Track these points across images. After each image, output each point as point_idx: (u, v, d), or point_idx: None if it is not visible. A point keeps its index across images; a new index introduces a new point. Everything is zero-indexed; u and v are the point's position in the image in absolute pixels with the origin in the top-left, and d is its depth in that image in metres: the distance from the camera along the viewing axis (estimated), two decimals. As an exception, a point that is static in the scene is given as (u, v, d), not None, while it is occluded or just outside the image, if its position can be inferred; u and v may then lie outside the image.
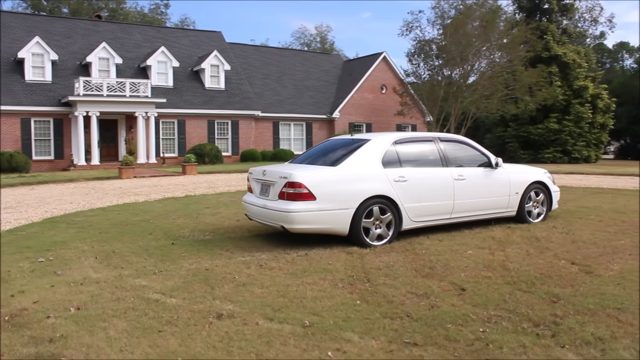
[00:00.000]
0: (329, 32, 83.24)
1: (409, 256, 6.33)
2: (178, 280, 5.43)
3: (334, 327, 4.01)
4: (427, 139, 7.85)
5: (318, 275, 5.52)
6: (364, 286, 5.10)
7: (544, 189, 8.67)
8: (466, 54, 25.23)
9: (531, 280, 5.22)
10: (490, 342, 3.68)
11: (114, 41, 30.90)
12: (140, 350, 3.66)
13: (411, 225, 7.32)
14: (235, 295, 4.87)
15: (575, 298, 4.65)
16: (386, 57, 38.01)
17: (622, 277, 5.27)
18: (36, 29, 28.76)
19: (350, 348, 3.63)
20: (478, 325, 4.02)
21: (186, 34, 36.73)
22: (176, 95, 30.56)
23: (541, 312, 4.29)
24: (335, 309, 4.43)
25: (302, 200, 6.59)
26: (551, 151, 29.41)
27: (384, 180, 7.02)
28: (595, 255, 6.22)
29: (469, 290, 4.93)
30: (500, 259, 6.13)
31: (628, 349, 3.57)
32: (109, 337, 3.91)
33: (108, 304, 4.68)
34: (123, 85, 26.78)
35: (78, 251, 6.92)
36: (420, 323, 4.08)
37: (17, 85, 25.79)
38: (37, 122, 25.82)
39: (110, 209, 11.10)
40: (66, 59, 28.40)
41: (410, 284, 5.13)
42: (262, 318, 4.26)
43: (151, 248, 7.03)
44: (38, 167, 25.26)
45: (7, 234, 8.35)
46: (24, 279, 5.57)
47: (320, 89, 38.38)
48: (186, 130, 30.68)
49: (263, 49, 41.19)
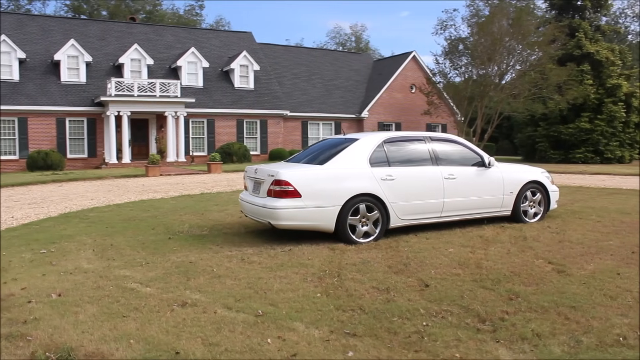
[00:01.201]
0: (364, 32, 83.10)
1: (389, 253, 6.47)
2: (160, 271, 5.73)
3: (285, 317, 4.21)
4: (417, 138, 7.95)
5: (293, 269, 5.73)
6: (331, 280, 5.28)
7: (541, 189, 8.63)
8: (493, 52, 24.90)
9: (499, 278, 5.30)
10: (426, 335, 3.82)
11: (146, 42, 31.80)
12: (100, 332, 3.95)
13: (399, 223, 7.44)
14: (207, 286, 5.13)
15: (534, 296, 4.71)
16: (416, 56, 37.86)
17: (591, 277, 5.29)
18: (73, 32, 29.88)
19: (291, 336, 3.83)
20: (423, 319, 4.15)
21: (217, 34, 37.43)
22: (206, 95, 31.22)
23: (493, 308, 4.39)
24: (293, 301, 4.63)
25: (287, 197, 6.81)
26: (582, 151, 28.73)
27: (370, 179, 7.16)
28: (575, 255, 6.22)
29: (432, 286, 5.05)
30: (478, 257, 6.20)
31: (562, 345, 3.65)
32: (77, 320, 4.23)
33: (87, 291, 5.02)
34: (153, 86, 27.56)
35: (80, 244, 7.32)
36: (369, 316, 4.25)
37: (53, 86, 26.89)
38: (71, 122, 26.86)
39: (125, 205, 11.57)
40: (100, 60, 29.41)
41: (377, 280, 5.28)
42: (222, 307, 4.50)
43: (148, 242, 7.38)
44: (72, 165, 26.27)
45: (22, 228, 8.87)
46: (22, 268, 5.98)
47: (349, 88, 38.51)
48: (215, 129, 31.30)
49: (293, 48, 41.59)
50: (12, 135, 25.49)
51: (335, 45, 71.94)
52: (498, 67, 27.02)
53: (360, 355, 3.51)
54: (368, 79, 39.86)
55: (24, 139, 25.62)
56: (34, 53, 27.67)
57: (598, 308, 4.38)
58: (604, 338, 3.75)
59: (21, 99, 25.63)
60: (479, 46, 25.93)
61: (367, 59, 43.97)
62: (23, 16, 31.85)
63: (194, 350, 3.61)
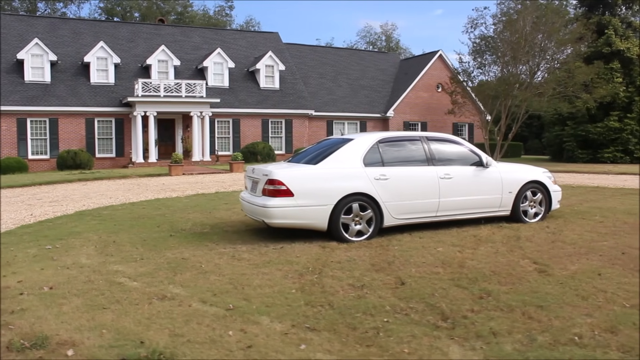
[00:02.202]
0: (394, 31, 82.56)
1: (377, 251, 6.57)
2: (151, 267, 5.98)
3: (253, 312, 4.38)
4: (413, 138, 8.00)
5: (277, 266, 5.89)
6: (311, 277, 5.42)
7: (542, 189, 8.57)
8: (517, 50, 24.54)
9: (477, 277, 5.35)
10: (383, 331, 3.93)
11: (173, 44, 32.46)
12: (77, 323, 4.19)
13: (393, 222, 7.52)
14: (190, 281, 5.33)
15: (505, 295, 4.76)
16: (442, 55, 37.62)
17: (571, 277, 5.29)
18: (102, 34, 30.74)
19: (253, 329, 3.99)
20: (386, 315, 4.26)
21: (244, 35, 37.90)
22: (231, 95, 31.68)
23: (459, 306, 4.45)
24: (267, 296, 4.79)
25: (280, 196, 6.98)
26: (611, 151, 28.03)
27: (363, 178, 7.27)
28: (563, 256, 6.20)
29: (408, 284, 5.14)
30: (464, 256, 6.25)
31: (515, 343, 3.71)
32: (60, 311, 4.48)
33: (78, 284, 5.28)
34: (179, 86, 28.14)
35: (85, 240, 7.65)
36: (335, 311, 4.38)
37: (83, 87, 27.74)
38: (100, 122, 27.66)
39: (139, 204, 11.94)
40: (129, 61, 30.17)
41: (356, 277, 5.39)
42: (198, 301, 4.69)
43: (149, 239, 7.65)
44: (100, 164, 27.06)
45: (37, 224, 9.28)
46: (24, 262, 6.31)
47: (375, 87, 38.50)
48: (241, 129, 31.73)
49: (319, 48, 41.77)
50: (44, 136, 26.43)
51: (365, 44, 71.84)
52: (529, 66, 26.62)
53: (312, 348, 3.65)
54: (394, 79, 39.77)
55: (55, 139, 26.52)
56: (65, 55, 28.59)
57: (565, 308, 4.40)
58: (559, 337, 3.79)
59: (52, 100, 26.54)
60: (506, 44, 25.57)
61: (394, 59, 43.85)
62: (56, 20, 32.94)
63: (158, 340, 3.81)
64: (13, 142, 25.68)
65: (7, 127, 25.55)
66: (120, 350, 3.65)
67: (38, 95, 26.38)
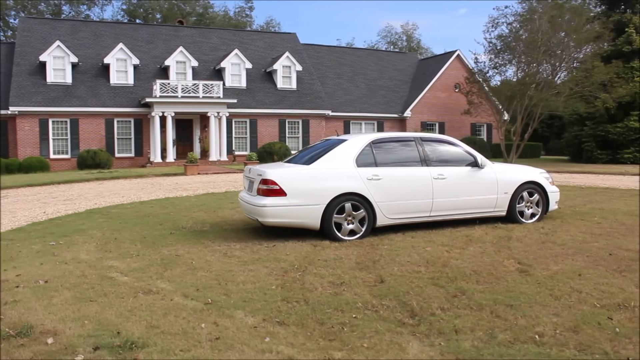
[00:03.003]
0: (415, 31, 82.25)
1: (366, 250, 6.70)
2: (145, 263, 6.21)
3: (230, 306, 4.56)
4: (407, 139, 8.10)
5: (265, 263, 6.07)
6: (294, 275, 5.58)
7: (539, 190, 8.58)
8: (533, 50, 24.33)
9: (457, 276, 5.44)
10: (349, 327, 4.07)
11: (192, 45, 32.93)
12: (63, 314, 4.42)
13: (386, 222, 7.64)
14: (178, 277, 5.54)
15: (480, 294, 4.85)
16: (460, 55, 37.40)
17: (550, 277, 5.35)
18: (123, 36, 31.36)
19: (225, 323, 4.17)
20: (356, 312, 4.40)
21: (261, 36, 38.23)
22: (249, 95, 32.01)
23: (430, 304, 4.56)
24: (247, 292, 4.97)
25: (273, 195, 7.16)
26: (631, 151, 27.51)
27: (356, 179, 7.40)
28: (549, 256, 6.25)
29: (387, 282, 5.26)
30: (451, 256, 6.33)
31: (475, 340, 3.81)
32: (50, 303, 4.73)
33: (71, 279, 5.54)
34: (197, 87, 28.56)
35: (88, 237, 7.94)
36: (308, 307, 4.53)
37: (103, 88, 28.35)
38: (119, 122, 28.24)
39: (148, 202, 12.25)
40: (147, 63, 30.73)
41: (337, 275, 5.53)
42: (180, 295, 4.89)
43: (150, 236, 7.91)
44: (120, 163, 27.63)
45: (47, 222, 9.64)
46: (26, 257, 6.61)
47: (393, 88, 38.47)
48: (258, 129, 32.05)
49: (336, 49, 41.87)
50: (65, 136, 27.09)
51: (386, 44, 71.72)
52: (551, 64, 26.36)
53: (277, 341, 3.81)
54: (412, 79, 39.68)
55: (76, 139, 27.17)
56: (86, 57, 29.26)
57: (535, 307, 4.48)
58: (520, 335, 3.87)
59: (73, 101, 27.20)
60: (522, 43, 25.36)
61: (412, 58, 43.73)
62: (77, 22, 33.72)
63: (134, 331, 4.01)
64: (35, 142, 26.40)
65: (29, 127, 26.28)
66: (97, 339, 3.86)
67: (59, 96, 27.07)
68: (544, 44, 24.52)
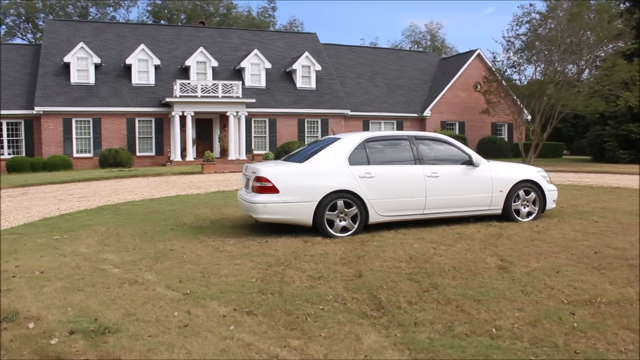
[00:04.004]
0: (439, 30, 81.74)
1: (354, 246, 6.84)
2: (138, 256, 6.47)
3: (207, 296, 4.77)
4: (400, 137, 8.21)
5: (253, 258, 6.26)
6: (277, 269, 5.76)
7: (536, 188, 8.59)
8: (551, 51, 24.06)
9: (434, 272, 5.55)
10: (312, 317, 4.23)
11: (212, 45, 33.41)
12: (49, 301, 4.69)
13: (379, 219, 7.76)
14: (166, 270, 5.78)
15: (452, 289, 4.95)
16: (480, 54, 37.09)
17: (527, 274, 5.41)
18: (145, 37, 32.01)
19: (198, 312, 4.37)
20: (325, 304, 4.55)
21: (282, 36, 38.55)
22: (268, 95, 32.34)
23: (398, 298, 4.69)
24: (227, 284, 5.17)
25: (266, 193, 7.36)
26: (655, 151, 27.03)
27: (348, 176, 7.54)
28: (534, 254, 6.29)
29: (364, 276, 5.40)
30: (436, 253, 6.43)
31: (432, 332, 3.93)
32: (40, 292, 5.01)
33: (65, 270, 5.82)
34: (216, 87, 28.99)
35: (92, 232, 8.26)
36: (281, 299, 4.71)
37: (125, 88, 29.01)
38: (140, 122, 28.85)
39: (158, 200, 12.59)
40: (169, 63, 31.31)
41: (318, 269, 5.69)
42: (163, 286, 5.12)
43: (150, 232, 8.19)
44: (141, 162, 28.23)
45: (57, 217, 10.03)
46: (29, 250, 6.94)
47: (412, 87, 38.37)
48: (277, 128, 32.36)
49: (356, 48, 41.92)
50: (88, 135, 27.81)
51: (410, 44, 71.46)
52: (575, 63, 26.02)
53: (241, 329, 4.00)
54: (432, 78, 39.51)
55: (98, 138, 27.86)
56: (108, 58, 29.96)
57: (502, 302, 4.57)
58: (477, 328, 3.98)
59: (96, 101, 27.90)
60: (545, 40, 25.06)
61: (433, 58, 43.54)
62: (101, 24, 34.54)
63: (111, 318, 4.25)
64: (59, 141, 27.17)
65: (54, 126, 27.06)
66: (75, 325, 4.10)
67: (83, 96, 27.80)
68: (563, 42, 24.21)
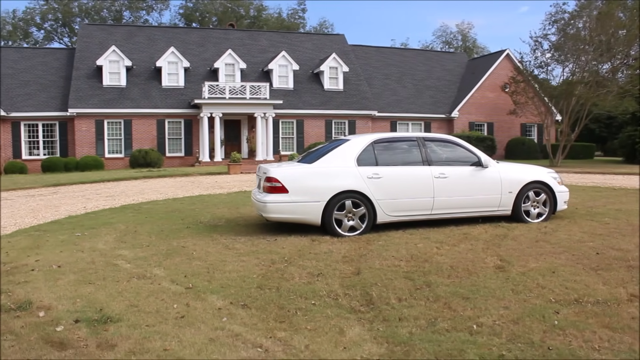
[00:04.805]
0: (470, 30, 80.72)
1: (359, 245, 7.01)
2: (151, 252, 6.78)
3: (207, 291, 5.02)
4: (409, 139, 8.34)
5: (259, 255, 6.50)
6: (280, 266, 5.98)
7: (546, 189, 8.59)
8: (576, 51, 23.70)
9: (431, 270, 5.68)
10: (302, 311, 4.43)
11: (241, 47, 33.96)
12: (61, 293, 5.02)
13: (387, 219, 7.91)
14: (174, 266, 6.06)
15: (444, 287, 5.09)
16: (510, 54, 36.61)
17: (522, 274, 5.50)
18: (175, 39, 32.77)
19: (196, 304, 4.63)
20: (317, 299, 4.75)
21: (310, 38, 38.88)
22: (295, 96, 32.69)
23: (390, 295, 4.85)
24: (228, 279, 5.42)
25: (276, 192, 7.60)
26: (688, 152, 26.30)
27: (356, 177, 7.72)
28: (535, 254, 6.35)
29: (362, 274, 5.57)
30: (438, 252, 6.54)
31: (414, 327, 4.08)
32: (55, 284, 5.35)
33: (81, 264, 6.17)
34: (244, 89, 29.48)
35: (112, 229, 8.64)
36: (278, 294, 4.92)
37: (155, 90, 29.76)
38: (170, 123, 29.56)
39: (180, 199, 12.98)
40: (198, 65, 31.96)
41: (319, 267, 5.89)
42: (169, 281, 5.40)
43: (167, 230, 8.52)
44: (170, 163, 28.92)
45: (82, 216, 10.49)
46: (51, 246, 7.34)
47: (441, 88, 38.17)
48: (304, 129, 32.68)
49: (385, 49, 41.90)
50: (119, 136, 28.64)
51: (441, 44, 70.95)
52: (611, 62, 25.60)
53: (233, 321, 4.23)
54: (461, 79, 39.22)
55: (129, 139, 28.67)
56: (139, 61, 30.79)
57: (490, 300, 4.69)
58: (459, 325, 4.11)
59: (127, 103, 28.71)
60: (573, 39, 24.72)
61: (461, 58, 43.17)
62: (133, 27, 35.50)
63: (114, 308, 4.54)
64: (92, 142, 28.07)
65: (86, 128, 27.97)
66: (81, 314, 4.41)
67: (114, 98, 28.65)
68: (592, 41, 23.81)
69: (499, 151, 35.45)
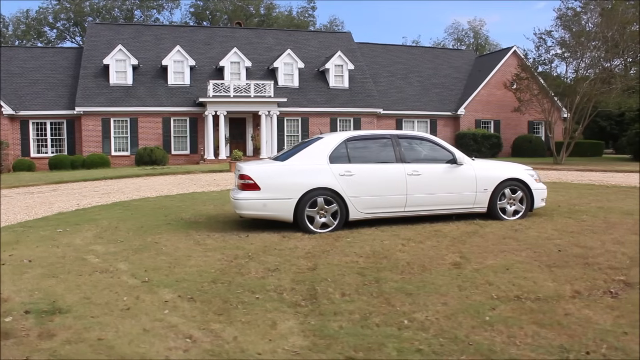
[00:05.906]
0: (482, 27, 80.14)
1: (326, 241, 7.12)
2: (122, 248, 6.97)
3: (161, 284, 5.19)
4: (382, 136, 8.43)
5: (225, 251, 6.66)
6: (241, 261, 6.13)
7: (523, 187, 8.62)
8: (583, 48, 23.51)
9: (386, 267, 5.78)
10: (243, 304, 4.58)
11: (247, 46, 34.18)
12: (22, 286, 5.22)
13: (360, 216, 8.02)
14: (139, 260, 6.24)
15: (392, 283, 5.18)
16: (517, 51, 36.36)
17: (475, 271, 5.57)
18: (181, 38, 33.10)
19: (146, 297, 4.79)
20: (263, 294, 4.88)
21: (316, 36, 38.98)
22: (301, 94, 32.83)
23: (335, 290, 4.96)
24: (186, 273, 5.58)
25: (248, 190, 7.74)
26: (697, 150, 25.94)
27: (328, 174, 7.84)
28: (496, 251, 6.41)
29: (318, 269, 5.70)
30: (401, 249, 6.62)
31: (345, 322, 4.18)
32: (20, 277, 5.55)
33: (51, 258, 6.37)
34: (248, 87, 29.70)
35: (94, 226, 8.86)
36: (229, 287, 5.07)
37: (161, 89, 30.11)
38: (175, 121, 29.90)
39: (172, 197, 13.20)
40: (204, 64, 32.25)
41: (278, 262, 6.02)
42: (129, 275, 5.58)
43: (147, 226, 8.71)
44: (175, 160, 29.26)
45: (71, 212, 10.76)
46: (30, 241, 7.56)
47: (447, 85, 38.03)
48: (309, 127, 32.79)
49: (391, 47, 41.84)
50: (125, 134, 29.06)
51: (452, 41, 70.57)
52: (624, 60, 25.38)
53: (174, 313, 4.38)
54: (468, 76, 39.03)
55: (135, 137, 29.06)
56: (146, 59, 31.16)
57: (432, 296, 4.77)
58: (390, 319, 4.21)
59: (133, 101, 29.10)
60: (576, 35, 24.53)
61: (469, 56, 42.97)
62: (140, 26, 35.91)
63: (67, 300, 4.72)
64: (98, 140, 28.51)
65: (93, 126, 28.41)
66: (33, 306, 4.59)
67: (121, 96, 29.06)
68: (597, 38, 23.59)
69: (506, 149, 35.27)
